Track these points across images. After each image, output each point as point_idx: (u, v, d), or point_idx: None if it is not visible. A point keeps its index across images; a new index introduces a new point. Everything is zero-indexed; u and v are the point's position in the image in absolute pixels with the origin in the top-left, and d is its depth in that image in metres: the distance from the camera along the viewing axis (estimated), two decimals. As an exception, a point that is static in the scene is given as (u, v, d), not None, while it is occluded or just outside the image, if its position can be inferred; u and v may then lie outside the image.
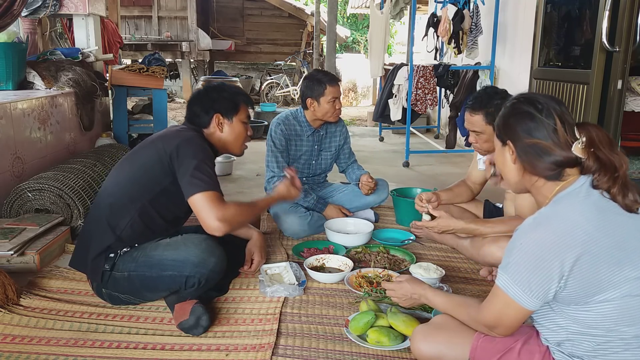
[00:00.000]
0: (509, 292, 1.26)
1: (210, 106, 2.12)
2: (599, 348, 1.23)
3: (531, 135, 1.30)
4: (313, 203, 2.96)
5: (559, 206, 1.25)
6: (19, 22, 4.65)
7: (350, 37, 16.22)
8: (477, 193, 2.75)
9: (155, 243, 1.99)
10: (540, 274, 1.21)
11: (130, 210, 1.95)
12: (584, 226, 1.19)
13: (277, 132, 2.96)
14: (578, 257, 1.18)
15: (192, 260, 1.89)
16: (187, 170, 1.90)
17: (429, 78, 5.31)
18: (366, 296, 2.10)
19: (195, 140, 2.00)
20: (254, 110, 7.00)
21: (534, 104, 1.31)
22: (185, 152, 1.93)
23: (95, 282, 2.03)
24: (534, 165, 1.32)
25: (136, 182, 1.98)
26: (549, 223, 1.23)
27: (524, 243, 1.24)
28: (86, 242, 2.00)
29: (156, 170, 1.96)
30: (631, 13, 2.99)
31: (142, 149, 2.07)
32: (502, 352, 1.37)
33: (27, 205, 2.86)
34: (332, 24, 6.80)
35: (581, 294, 1.21)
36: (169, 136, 2.02)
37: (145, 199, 1.96)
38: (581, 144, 1.26)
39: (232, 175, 4.51)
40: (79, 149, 4.17)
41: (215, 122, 2.12)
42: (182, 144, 1.95)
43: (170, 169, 1.94)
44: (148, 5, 10.52)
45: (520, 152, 1.34)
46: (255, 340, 1.83)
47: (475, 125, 2.28)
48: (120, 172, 2.05)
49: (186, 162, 1.91)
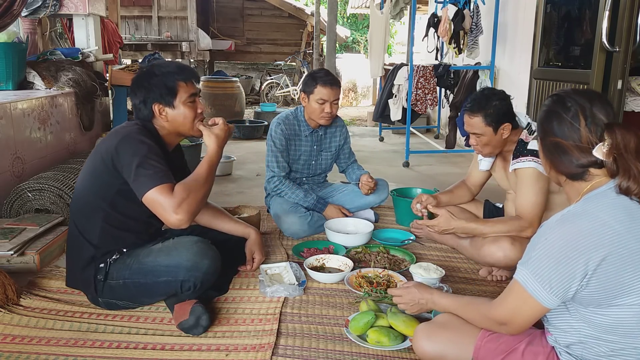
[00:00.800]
0: (528, 288, 1.24)
1: (145, 97, 1.95)
2: (611, 354, 1.23)
3: (554, 134, 1.32)
4: (313, 203, 2.96)
5: (588, 205, 1.24)
6: (19, 22, 4.65)
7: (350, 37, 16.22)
8: (476, 194, 2.75)
9: (147, 249, 1.96)
10: (562, 271, 1.19)
11: (96, 219, 1.92)
12: (614, 226, 1.18)
13: (277, 132, 2.95)
14: (604, 258, 1.16)
15: (185, 264, 1.87)
16: (130, 171, 1.81)
17: (429, 78, 5.30)
18: (366, 296, 2.10)
19: (132, 136, 1.87)
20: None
21: (563, 104, 1.32)
22: (125, 152, 1.83)
23: (90, 294, 2.02)
24: (557, 164, 1.34)
25: (91, 191, 1.93)
26: (576, 221, 1.22)
27: (549, 239, 1.23)
28: (71, 259, 2.02)
29: (104, 175, 1.89)
30: (631, 13, 2.99)
31: (90, 155, 1.99)
32: (506, 353, 1.36)
33: (27, 205, 2.86)
34: (332, 24, 6.80)
35: (602, 295, 1.19)
36: (108, 138, 1.93)
37: (105, 205, 1.91)
38: (605, 147, 1.24)
39: (232, 175, 4.51)
40: (79, 149, 4.17)
41: (157, 113, 1.96)
42: (119, 145, 1.85)
43: (116, 170, 1.86)
44: (148, 5, 10.51)
45: (545, 149, 1.37)
46: (255, 340, 1.83)
47: (475, 127, 2.26)
48: (79, 183, 2.00)
49: (127, 162, 1.82)
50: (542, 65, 3.87)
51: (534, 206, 2.18)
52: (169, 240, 2.00)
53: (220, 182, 4.21)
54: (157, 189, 1.78)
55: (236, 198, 3.73)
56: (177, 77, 1.95)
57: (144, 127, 1.96)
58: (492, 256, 2.24)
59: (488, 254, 2.26)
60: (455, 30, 4.96)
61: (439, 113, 6.77)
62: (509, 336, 1.39)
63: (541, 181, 2.17)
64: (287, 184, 2.96)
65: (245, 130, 6.51)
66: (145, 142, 1.87)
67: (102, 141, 1.97)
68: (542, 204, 2.19)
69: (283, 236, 2.90)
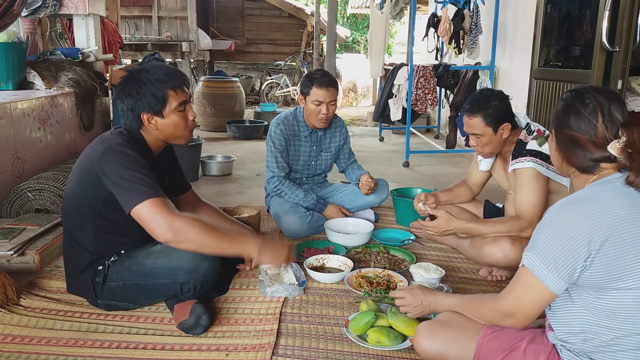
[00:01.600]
0: (535, 271, 1.26)
1: (133, 106, 1.89)
2: (612, 343, 1.24)
3: (571, 128, 1.35)
4: (313, 203, 2.96)
5: (593, 190, 1.29)
6: (19, 22, 4.65)
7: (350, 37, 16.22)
8: (477, 194, 2.75)
9: (147, 250, 1.95)
10: (567, 252, 1.22)
11: (87, 228, 1.91)
12: (616, 210, 1.22)
13: (276, 133, 2.95)
14: (607, 238, 1.20)
15: (184, 266, 1.86)
16: (116, 184, 1.76)
17: (429, 78, 5.30)
18: (366, 296, 2.10)
19: (115, 148, 1.82)
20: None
21: (582, 99, 1.35)
22: (109, 164, 1.78)
23: (89, 298, 2.02)
24: (569, 156, 1.37)
25: (77, 201, 1.91)
26: (580, 203, 1.26)
27: (553, 221, 1.27)
28: (68, 265, 2.03)
29: (90, 186, 1.85)
30: (631, 13, 2.99)
31: (76, 165, 1.96)
32: (508, 351, 1.37)
33: (27, 205, 2.86)
34: (332, 24, 6.80)
35: (604, 277, 1.21)
36: (91, 150, 1.89)
37: (93, 215, 1.89)
38: (619, 144, 1.28)
39: (232, 175, 4.51)
40: (79, 149, 4.17)
41: (146, 122, 1.91)
42: (103, 157, 1.80)
43: (100, 182, 1.81)
44: (148, 5, 10.51)
45: (559, 141, 1.40)
46: (255, 340, 1.83)
47: (474, 128, 2.25)
48: (67, 192, 1.99)
49: (112, 175, 1.77)
50: (542, 65, 3.87)
51: (533, 206, 2.18)
52: None
53: (221, 182, 4.21)
54: (146, 203, 1.74)
55: (236, 198, 3.73)
56: (165, 86, 1.88)
57: (130, 135, 1.92)
58: (492, 256, 2.24)
59: (488, 254, 2.26)
60: (455, 30, 4.96)
61: (439, 113, 6.77)
62: (510, 334, 1.40)
63: (540, 181, 2.17)
64: (286, 184, 2.96)
65: (245, 130, 6.52)
66: (130, 154, 1.81)
67: (86, 151, 1.92)
68: (542, 204, 2.19)
69: (283, 236, 2.90)
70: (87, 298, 2.04)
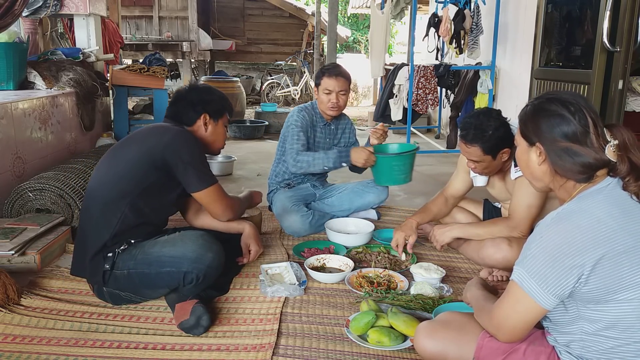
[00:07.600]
0: (524, 286, 1.23)
1: (200, 105, 2.17)
2: (611, 351, 1.23)
3: (565, 138, 1.27)
4: (337, 156, 2.84)
5: (583, 203, 1.23)
6: (20, 22, 4.65)
7: (351, 37, 16.23)
8: (453, 207, 2.67)
9: (153, 240, 2.01)
10: (558, 269, 1.19)
11: (121, 206, 1.96)
12: (609, 223, 1.18)
13: (299, 116, 2.98)
14: (602, 256, 1.17)
15: (189, 255, 1.91)
16: (189, 164, 1.99)
17: (429, 78, 5.30)
18: (367, 296, 2.10)
19: (187, 135, 2.07)
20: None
21: (566, 106, 1.27)
22: (182, 149, 2.00)
23: (96, 284, 2.03)
24: (566, 168, 1.28)
25: (124, 178, 1.99)
26: (572, 218, 1.21)
27: (544, 236, 1.23)
28: (83, 245, 2.02)
29: (145, 166, 1.98)
30: (632, 13, 2.99)
31: (126, 146, 2.09)
32: (508, 352, 1.36)
33: (28, 205, 2.86)
34: (333, 24, 6.81)
35: (602, 292, 1.19)
36: (160, 133, 2.05)
37: (134, 194, 1.98)
38: (613, 147, 1.23)
39: (232, 175, 4.51)
40: (80, 149, 4.17)
41: (202, 121, 2.18)
42: (175, 138, 2.00)
43: (164, 164, 1.97)
44: (149, 5, 10.50)
45: (551, 154, 1.30)
46: (255, 340, 1.83)
47: (472, 155, 2.20)
48: (107, 170, 2.05)
49: (187, 155, 2.00)
50: (543, 65, 3.87)
51: (524, 208, 2.18)
52: (175, 233, 2.06)
53: (221, 182, 4.15)
54: (213, 188, 2.08)
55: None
56: (228, 106, 2.30)
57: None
58: (491, 258, 2.25)
59: (487, 256, 2.27)
60: (456, 30, 4.96)
61: (439, 113, 6.77)
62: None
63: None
64: (303, 152, 2.90)
65: (245, 130, 6.51)
66: (200, 145, 2.12)
67: (147, 134, 2.09)
68: (535, 208, 2.17)
69: (284, 236, 2.91)
70: (94, 284, 2.04)
